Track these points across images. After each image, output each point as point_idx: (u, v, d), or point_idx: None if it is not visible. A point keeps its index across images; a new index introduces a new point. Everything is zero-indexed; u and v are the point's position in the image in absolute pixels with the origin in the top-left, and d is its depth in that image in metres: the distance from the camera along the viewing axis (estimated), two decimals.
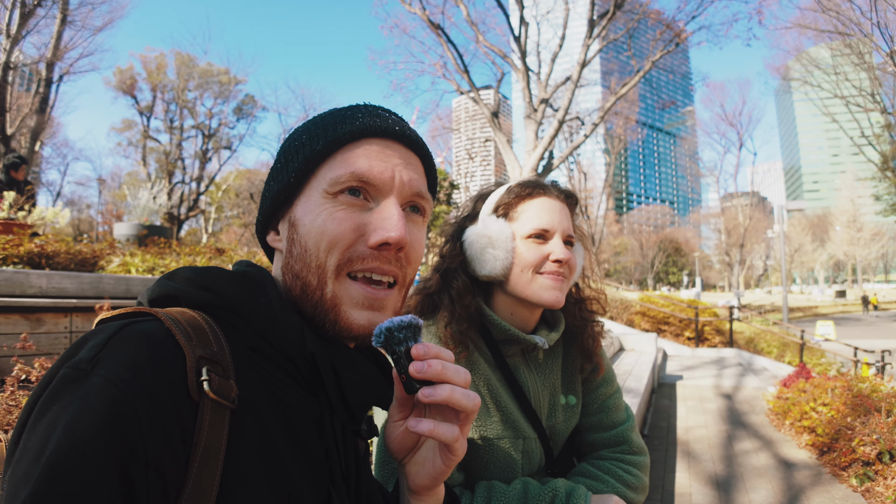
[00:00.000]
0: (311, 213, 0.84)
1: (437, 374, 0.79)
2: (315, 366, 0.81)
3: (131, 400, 0.60)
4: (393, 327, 0.79)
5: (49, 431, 0.58)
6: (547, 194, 1.58)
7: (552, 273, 1.52)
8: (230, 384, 0.69)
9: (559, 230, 1.54)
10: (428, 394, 0.79)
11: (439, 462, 0.87)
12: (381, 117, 0.89)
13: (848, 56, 34.15)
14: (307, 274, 0.84)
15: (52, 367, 0.66)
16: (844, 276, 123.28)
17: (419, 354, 0.79)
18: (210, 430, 0.65)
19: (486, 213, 1.61)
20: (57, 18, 22.43)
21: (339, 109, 0.91)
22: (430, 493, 0.93)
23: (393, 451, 0.90)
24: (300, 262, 0.84)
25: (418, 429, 0.80)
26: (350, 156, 0.85)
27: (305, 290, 0.84)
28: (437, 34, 21.70)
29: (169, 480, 0.62)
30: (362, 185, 0.84)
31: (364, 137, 0.86)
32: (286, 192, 0.87)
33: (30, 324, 4.19)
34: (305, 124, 0.91)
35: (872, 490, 4.89)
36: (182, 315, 0.73)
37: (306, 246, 0.83)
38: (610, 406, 1.76)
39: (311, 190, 0.86)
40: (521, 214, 1.56)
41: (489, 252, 1.53)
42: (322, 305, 0.83)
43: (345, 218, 0.83)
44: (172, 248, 8.77)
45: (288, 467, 0.74)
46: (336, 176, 0.83)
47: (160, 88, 46.65)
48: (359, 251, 0.83)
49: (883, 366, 10.00)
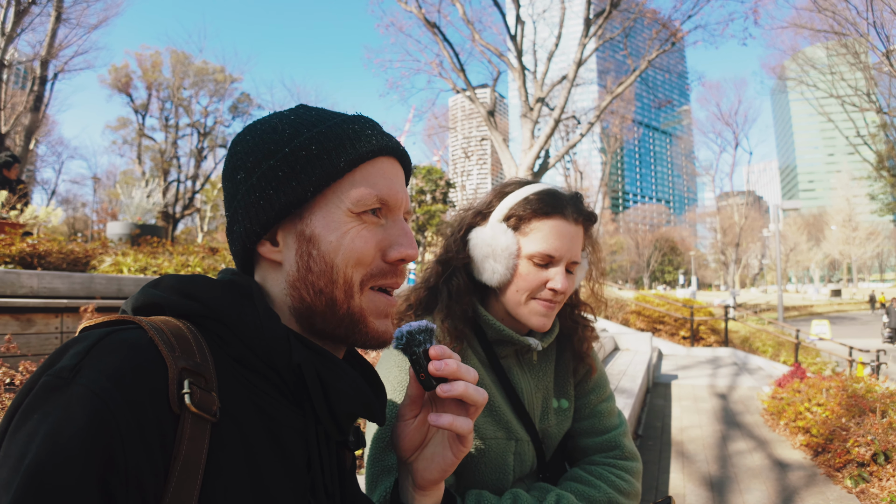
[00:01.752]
0: (336, 231, 0.85)
1: (453, 371, 0.87)
2: (301, 376, 0.80)
3: (112, 410, 0.60)
4: (413, 331, 0.89)
5: (29, 440, 0.58)
6: (564, 217, 1.52)
7: (546, 301, 1.51)
8: (212, 397, 0.69)
9: (565, 258, 1.51)
10: (446, 389, 0.87)
11: (449, 455, 0.93)
12: (388, 136, 0.93)
13: (844, 56, 34.27)
14: (333, 289, 0.85)
15: (33, 375, 0.66)
16: (840, 276, 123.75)
17: (437, 355, 0.88)
18: (190, 444, 0.65)
19: (496, 217, 1.56)
20: (52, 16, 22.37)
21: (342, 122, 0.89)
22: (437, 488, 0.99)
23: (403, 449, 0.95)
24: (324, 278, 0.85)
25: (440, 422, 0.88)
26: (369, 175, 0.88)
27: (332, 305, 0.86)
28: (433, 32, 21.73)
29: (148, 492, 0.62)
30: (382, 205, 0.88)
31: (378, 156, 0.89)
32: (298, 205, 0.85)
33: (20, 324, 4.16)
34: (306, 132, 0.87)
35: (867, 491, 4.89)
36: (166, 324, 0.72)
37: (333, 263, 0.85)
38: (602, 411, 1.75)
39: (331, 206, 0.86)
40: (531, 232, 1.52)
41: (489, 262, 1.51)
42: (351, 318, 0.87)
43: (369, 237, 0.87)
44: (165, 248, 8.74)
45: (270, 480, 0.73)
46: (361, 197, 0.86)
47: (155, 86, 46.56)
48: (379, 267, 0.88)
49: (878, 366, 10.00)
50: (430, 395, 0.93)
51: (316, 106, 0.93)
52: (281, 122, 0.88)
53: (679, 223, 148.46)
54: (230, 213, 0.90)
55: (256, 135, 0.87)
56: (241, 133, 0.91)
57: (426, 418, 0.94)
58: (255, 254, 0.90)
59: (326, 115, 0.90)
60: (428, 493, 0.98)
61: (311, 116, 0.89)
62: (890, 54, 26.86)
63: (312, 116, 0.89)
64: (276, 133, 0.86)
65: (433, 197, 39.05)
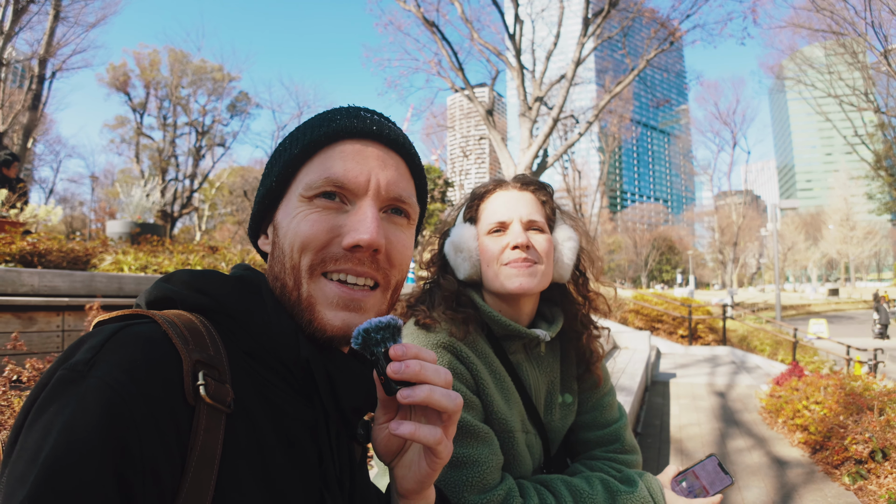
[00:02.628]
0: (288, 216, 0.86)
1: (415, 374, 0.76)
2: (310, 371, 0.81)
3: (127, 402, 0.60)
4: (370, 328, 0.78)
5: (46, 433, 0.58)
6: (502, 188, 1.63)
7: (514, 261, 1.54)
8: (226, 388, 0.70)
9: (515, 217, 1.56)
10: (406, 395, 0.76)
11: (424, 466, 0.84)
12: (359, 118, 0.89)
13: (842, 55, 34.30)
14: (284, 275, 0.85)
15: (48, 369, 0.66)
16: (837, 275, 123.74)
17: (397, 355, 0.77)
18: (206, 435, 0.66)
19: (459, 220, 1.67)
20: (50, 14, 22.30)
21: (322, 112, 0.92)
22: (419, 497, 0.89)
23: (380, 453, 0.88)
24: (279, 263, 0.86)
25: (399, 431, 0.77)
26: (326, 159, 0.86)
27: (284, 291, 0.86)
28: (431, 31, 21.70)
29: (165, 483, 0.62)
30: (337, 189, 0.84)
31: (340, 140, 0.87)
32: (270, 196, 0.90)
33: (21, 323, 4.16)
34: (294, 129, 0.92)
35: (865, 488, 4.91)
36: (179, 318, 0.73)
37: (283, 248, 0.86)
38: (604, 405, 1.79)
39: (291, 194, 0.88)
40: (482, 213, 1.62)
41: (459, 256, 1.59)
42: (299, 305, 0.84)
43: (318, 220, 0.83)
44: (165, 247, 8.73)
45: (282, 472, 0.74)
46: (311, 180, 0.85)
47: (153, 85, 46.35)
48: (332, 252, 0.84)
49: (875, 364, 10.01)
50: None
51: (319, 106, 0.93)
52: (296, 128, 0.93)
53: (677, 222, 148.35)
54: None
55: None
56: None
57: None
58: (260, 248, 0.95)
59: (324, 112, 0.93)
60: (412, 503, 0.90)
61: (314, 117, 0.93)
62: (888, 54, 26.87)
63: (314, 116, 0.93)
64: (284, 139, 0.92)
65: (431, 196, 39.04)
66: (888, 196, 46.64)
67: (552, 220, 1.65)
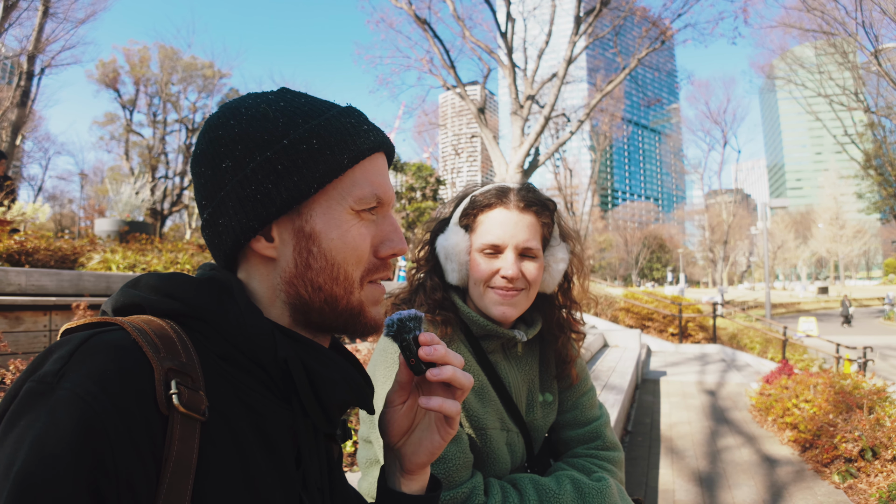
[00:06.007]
0: (338, 229, 0.85)
1: (442, 356, 0.90)
2: (287, 371, 0.80)
3: (100, 415, 0.59)
4: (404, 318, 0.92)
5: (17, 447, 0.57)
6: (504, 205, 1.58)
7: (501, 289, 1.55)
8: (200, 396, 0.69)
9: (511, 244, 1.55)
10: (436, 373, 0.89)
11: (437, 438, 0.96)
12: (380, 131, 0.93)
13: (832, 55, 34.56)
14: (333, 286, 0.86)
15: (16, 380, 0.65)
16: (827, 273, 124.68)
17: (426, 341, 0.90)
18: (181, 444, 0.65)
19: (453, 221, 1.64)
20: (39, 10, 22.21)
21: (339, 115, 0.87)
22: (423, 472, 1.01)
23: (391, 434, 0.97)
24: (324, 274, 0.85)
25: (430, 405, 0.90)
26: (368, 173, 0.88)
27: (332, 301, 0.87)
28: (423, 29, 21.66)
29: (140, 495, 0.61)
30: (378, 203, 0.89)
31: (376, 152, 0.90)
32: (298, 200, 0.82)
33: (8, 322, 4.13)
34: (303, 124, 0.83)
35: (855, 487, 4.94)
36: (149, 324, 0.71)
37: (334, 260, 0.85)
38: (584, 403, 1.80)
39: (332, 203, 0.84)
40: (478, 226, 1.60)
41: (448, 264, 1.60)
42: (350, 311, 0.89)
43: (367, 234, 0.88)
44: (154, 245, 8.69)
45: (260, 476, 0.74)
46: (364, 196, 0.86)
47: (143, 82, 46.10)
48: (373, 263, 0.90)
49: (865, 362, 10.08)
50: (417, 381, 0.96)
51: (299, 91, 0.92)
52: (270, 109, 0.83)
53: (667, 221, 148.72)
54: (214, 205, 0.84)
55: (243, 121, 0.82)
56: (219, 116, 0.85)
57: (414, 404, 0.96)
58: (244, 248, 0.86)
59: (318, 104, 0.87)
60: (415, 478, 1.01)
61: (303, 105, 0.86)
62: (878, 53, 27.08)
63: (304, 105, 0.86)
64: (268, 121, 0.82)
65: (423, 194, 38.94)
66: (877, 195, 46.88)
67: (548, 239, 1.66)
